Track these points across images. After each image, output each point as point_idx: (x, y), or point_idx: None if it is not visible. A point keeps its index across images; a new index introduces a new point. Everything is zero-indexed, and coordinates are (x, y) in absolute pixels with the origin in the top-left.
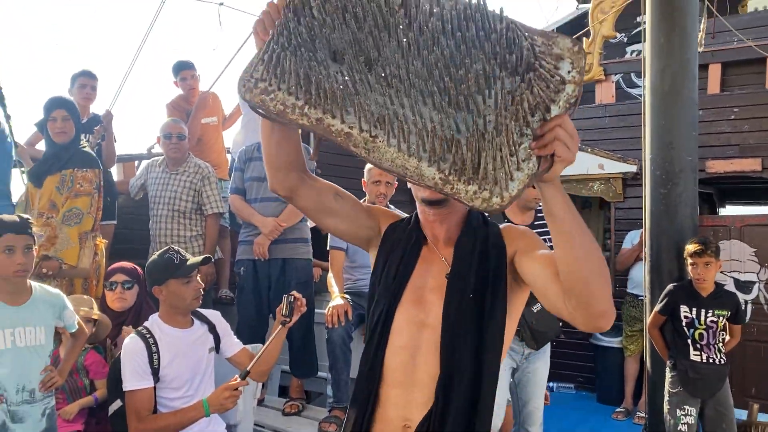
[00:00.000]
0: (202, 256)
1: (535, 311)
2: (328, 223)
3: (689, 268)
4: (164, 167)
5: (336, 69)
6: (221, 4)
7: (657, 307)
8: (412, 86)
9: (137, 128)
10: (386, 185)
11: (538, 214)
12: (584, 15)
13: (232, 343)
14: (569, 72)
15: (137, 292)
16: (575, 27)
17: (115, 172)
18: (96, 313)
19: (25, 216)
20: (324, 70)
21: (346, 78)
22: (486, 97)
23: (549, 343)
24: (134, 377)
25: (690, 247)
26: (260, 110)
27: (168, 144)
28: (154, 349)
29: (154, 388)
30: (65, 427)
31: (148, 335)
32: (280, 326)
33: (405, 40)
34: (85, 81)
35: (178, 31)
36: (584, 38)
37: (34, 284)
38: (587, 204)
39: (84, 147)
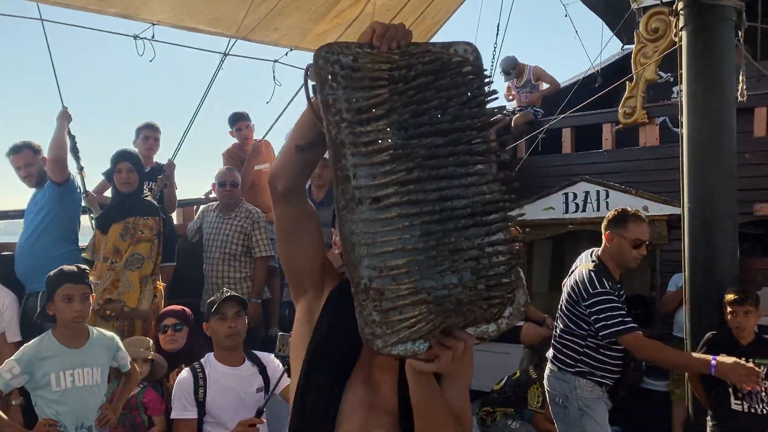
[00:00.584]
0: (226, 295)
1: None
2: (289, 245)
3: (728, 316)
4: (218, 212)
5: (394, 132)
6: (275, 61)
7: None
8: (428, 213)
9: (196, 174)
10: None
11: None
12: (629, 56)
13: (284, 381)
14: (504, 318)
15: (187, 334)
16: (621, 67)
17: (175, 216)
18: (151, 353)
19: (83, 266)
20: (387, 122)
21: (397, 151)
22: (459, 275)
23: None
24: (179, 407)
25: (730, 296)
26: (313, 78)
27: (222, 191)
28: (201, 383)
29: (201, 421)
30: None
31: (198, 370)
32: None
33: (456, 180)
34: (149, 133)
35: (235, 85)
36: (628, 82)
37: (91, 328)
38: None
39: (146, 196)
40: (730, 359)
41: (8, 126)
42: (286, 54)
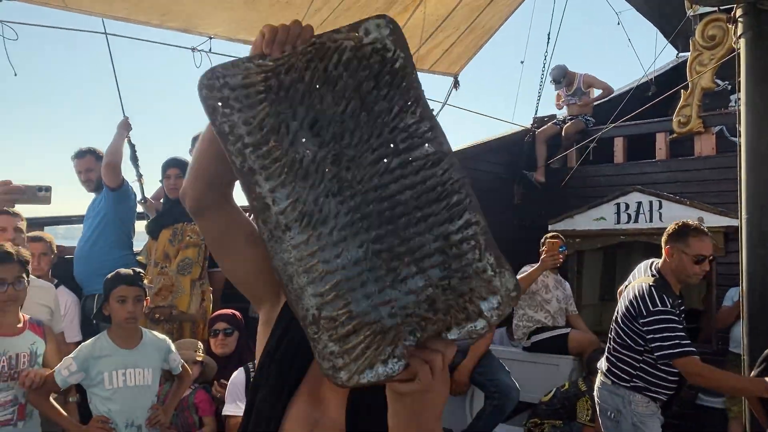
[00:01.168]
0: None
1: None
2: (221, 260)
3: None
4: None
5: (301, 142)
6: None
7: (754, 372)
8: (366, 217)
9: None
10: None
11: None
12: (684, 63)
13: None
14: (493, 309)
15: (238, 338)
16: (675, 76)
17: None
18: (200, 355)
19: (138, 270)
20: (285, 136)
21: (309, 162)
22: (425, 276)
23: None
24: (231, 404)
25: None
26: (205, 107)
27: None
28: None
29: None
30: None
31: (251, 369)
32: None
33: (392, 173)
34: None
35: None
36: (683, 90)
37: (144, 330)
38: None
39: None
40: None
41: (75, 135)
42: None
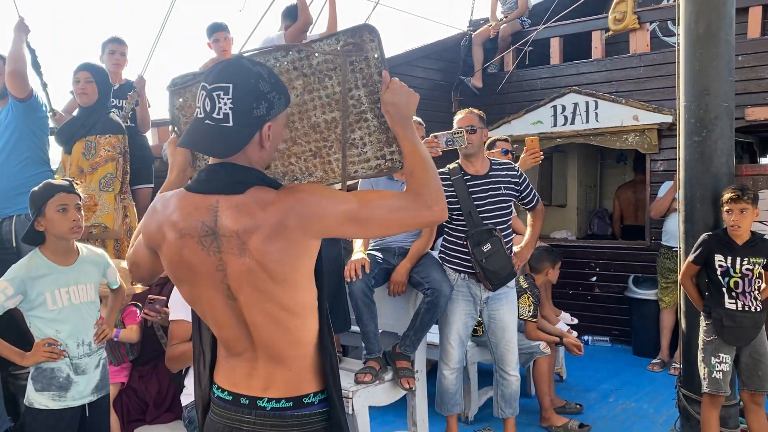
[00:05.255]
0: None
1: (485, 250)
2: None
3: (725, 215)
4: None
5: None
6: None
7: (690, 257)
8: None
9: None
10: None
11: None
12: None
13: None
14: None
15: None
16: None
17: (150, 136)
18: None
19: (69, 178)
20: None
21: None
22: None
23: (514, 288)
24: (175, 309)
25: (726, 194)
26: None
27: None
28: None
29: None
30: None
31: None
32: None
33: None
34: (115, 47)
35: None
36: None
37: (80, 245)
38: (622, 157)
39: (110, 114)
40: None
41: None
42: None
